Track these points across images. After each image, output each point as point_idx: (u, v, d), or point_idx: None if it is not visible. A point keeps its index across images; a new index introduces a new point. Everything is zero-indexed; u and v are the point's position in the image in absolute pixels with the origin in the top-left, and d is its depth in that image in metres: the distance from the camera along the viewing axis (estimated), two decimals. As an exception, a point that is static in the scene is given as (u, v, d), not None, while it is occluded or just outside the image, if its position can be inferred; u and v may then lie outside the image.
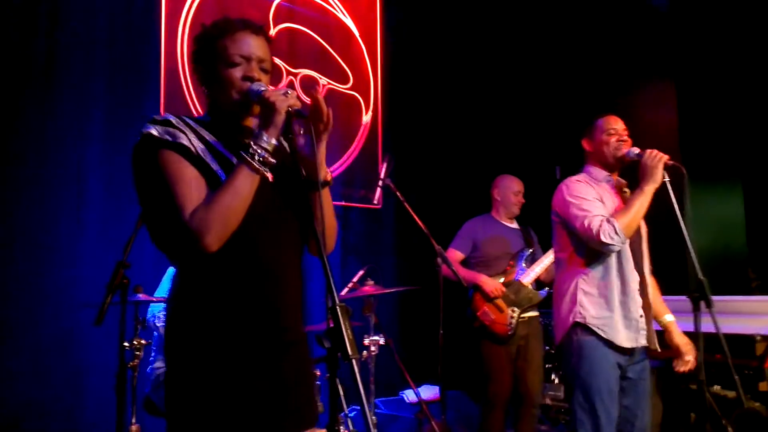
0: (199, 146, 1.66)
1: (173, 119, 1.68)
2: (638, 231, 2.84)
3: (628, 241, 2.74)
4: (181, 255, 1.68)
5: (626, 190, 2.86)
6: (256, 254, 1.67)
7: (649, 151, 2.70)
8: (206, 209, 1.57)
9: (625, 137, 2.86)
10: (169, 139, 1.63)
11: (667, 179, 2.65)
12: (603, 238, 2.65)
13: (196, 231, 1.55)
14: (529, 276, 4.09)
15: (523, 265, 4.12)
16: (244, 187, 1.60)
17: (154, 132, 1.64)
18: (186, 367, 1.65)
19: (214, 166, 1.65)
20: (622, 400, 2.75)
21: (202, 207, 1.58)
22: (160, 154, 1.62)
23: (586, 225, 2.71)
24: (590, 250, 2.76)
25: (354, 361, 1.38)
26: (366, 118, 5.43)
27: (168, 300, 1.78)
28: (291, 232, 1.78)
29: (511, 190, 4.26)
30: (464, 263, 4.19)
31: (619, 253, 2.75)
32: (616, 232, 2.64)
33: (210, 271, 1.64)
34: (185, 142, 1.64)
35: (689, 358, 2.82)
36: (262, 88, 1.67)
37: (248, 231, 1.62)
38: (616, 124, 2.88)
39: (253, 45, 1.73)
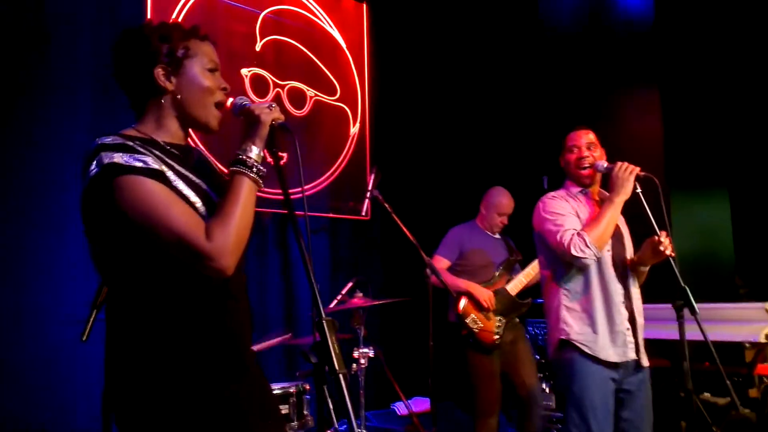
0: (165, 170, 1.50)
1: (129, 142, 1.50)
2: (622, 242, 2.84)
3: (608, 253, 2.73)
4: (180, 285, 1.50)
5: None
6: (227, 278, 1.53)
7: (619, 163, 2.70)
8: (223, 230, 1.45)
9: (585, 154, 2.82)
10: (141, 165, 1.46)
11: (638, 190, 2.66)
12: (574, 252, 2.65)
13: (217, 255, 1.43)
14: (513, 285, 4.09)
15: (511, 274, 4.12)
16: (250, 201, 1.54)
17: (118, 160, 1.45)
18: (151, 397, 1.47)
19: (185, 189, 1.52)
20: (621, 413, 2.71)
21: (216, 229, 1.45)
22: (136, 183, 1.44)
23: (558, 239, 2.70)
24: (569, 265, 2.75)
25: (341, 376, 1.36)
26: (354, 129, 5.43)
27: (116, 327, 1.53)
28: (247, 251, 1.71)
29: (497, 211, 4.20)
30: (449, 271, 4.16)
31: (599, 265, 2.72)
32: (587, 245, 2.64)
33: (180, 294, 1.51)
34: (157, 166, 1.48)
35: (661, 244, 2.63)
36: (246, 102, 1.66)
37: None
38: (578, 140, 2.85)
39: (216, 56, 1.70)
